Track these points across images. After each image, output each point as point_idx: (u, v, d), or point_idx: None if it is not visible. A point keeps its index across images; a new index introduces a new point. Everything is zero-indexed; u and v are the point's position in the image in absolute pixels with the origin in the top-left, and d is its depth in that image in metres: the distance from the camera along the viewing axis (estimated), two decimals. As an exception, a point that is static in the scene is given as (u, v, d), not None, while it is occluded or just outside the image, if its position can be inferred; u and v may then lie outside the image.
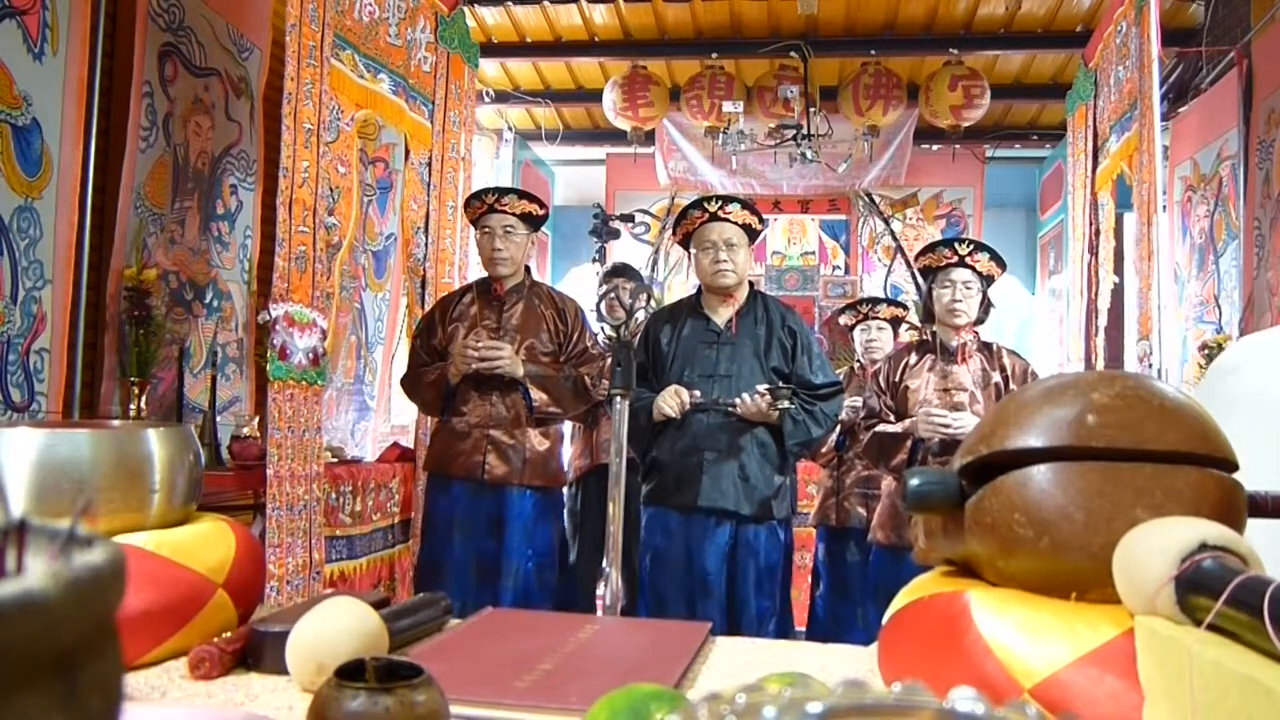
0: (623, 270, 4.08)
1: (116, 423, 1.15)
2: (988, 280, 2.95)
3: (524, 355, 3.08)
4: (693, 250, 3.01)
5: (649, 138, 6.59)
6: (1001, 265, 2.96)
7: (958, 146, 6.56)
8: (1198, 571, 0.61)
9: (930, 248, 3.04)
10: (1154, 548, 0.64)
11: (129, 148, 2.95)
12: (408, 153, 3.88)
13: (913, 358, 3.04)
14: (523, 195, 3.19)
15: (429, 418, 3.50)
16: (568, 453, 3.74)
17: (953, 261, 2.92)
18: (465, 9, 4.19)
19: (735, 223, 2.91)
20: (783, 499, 2.84)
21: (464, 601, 2.74)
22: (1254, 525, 0.78)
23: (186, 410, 3.09)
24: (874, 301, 4.15)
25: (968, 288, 2.90)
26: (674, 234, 3.13)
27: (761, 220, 3.04)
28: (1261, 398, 1.13)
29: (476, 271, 3.58)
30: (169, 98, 3.19)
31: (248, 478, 2.76)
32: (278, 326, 2.68)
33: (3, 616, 0.27)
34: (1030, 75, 6.18)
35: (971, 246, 2.94)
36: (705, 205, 2.93)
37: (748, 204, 3.01)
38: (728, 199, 2.97)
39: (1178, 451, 0.73)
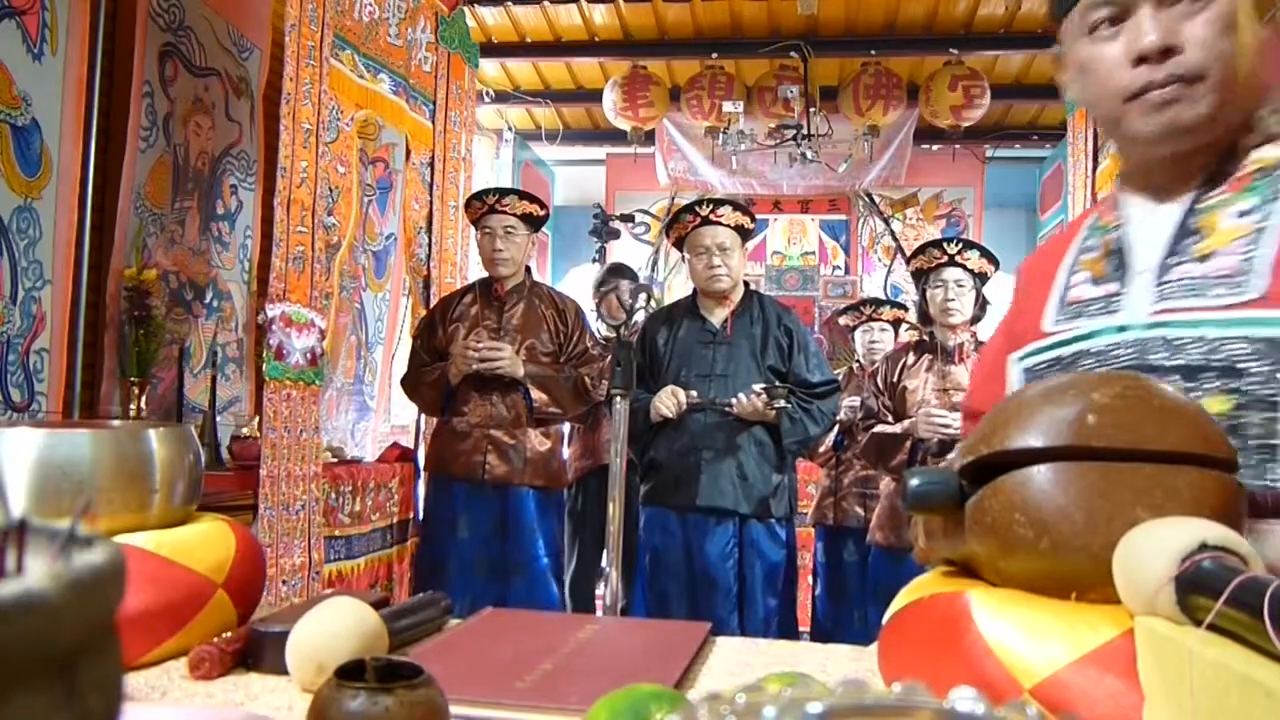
0: (620, 270, 4.08)
1: (116, 423, 1.15)
2: (981, 278, 2.96)
3: (524, 355, 3.08)
4: (686, 254, 3.01)
5: (649, 138, 6.58)
6: (994, 262, 2.97)
7: (958, 146, 6.56)
8: (1198, 571, 0.60)
9: (920, 250, 3.06)
10: (1154, 548, 0.64)
11: (129, 148, 2.94)
12: (408, 153, 3.87)
13: (910, 358, 3.04)
14: (523, 196, 3.19)
15: (429, 418, 3.50)
16: (568, 453, 3.74)
17: (943, 261, 2.93)
18: (465, 9, 4.19)
19: (727, 225, 2.91)
20: (781, 497, 2.84)
21: (464, 601, 2.74)
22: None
23: (186, 410, 3.09)
24: (876, 303, 4.16)
25: (960, 286, 2.91)
26: (668, 237, 3.14)
27: (753, 219, 3.04)
28: None
29: (477, 272, 3.58)
30: (169, 98, 3.19)
31: (248, 478, 2.76)
32: (274, 327, 2.68)
33: (3, 616, 0.27)
34: (1030, 75, 6.17)
35: (961, 245, 2.95)
36: (696, 210, 2.94)
37: (739, 205, 3.01)
38: (719, 202, 2.97)
39: (1178, 451, 0.73)
